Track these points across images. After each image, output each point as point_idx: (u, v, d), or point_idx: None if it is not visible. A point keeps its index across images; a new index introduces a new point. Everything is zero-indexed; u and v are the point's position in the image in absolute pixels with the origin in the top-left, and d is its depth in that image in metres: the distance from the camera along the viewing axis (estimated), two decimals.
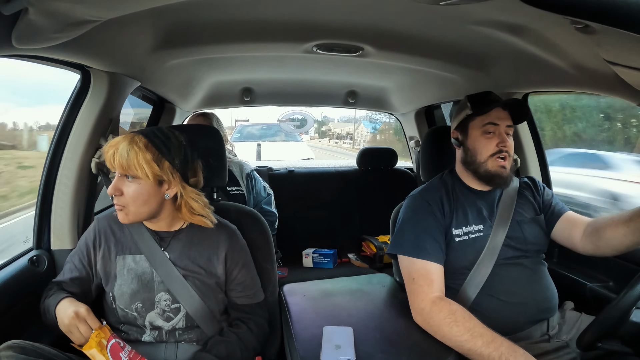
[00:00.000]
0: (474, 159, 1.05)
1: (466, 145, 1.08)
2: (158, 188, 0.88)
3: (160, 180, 0.88)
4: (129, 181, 0.86)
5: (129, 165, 0.84)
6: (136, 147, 0.85)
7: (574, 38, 0.77)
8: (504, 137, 1.04)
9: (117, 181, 0.87)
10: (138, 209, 0.87)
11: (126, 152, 0.84)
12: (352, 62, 1.37)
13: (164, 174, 0.87)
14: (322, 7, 0.94)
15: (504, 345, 0.80)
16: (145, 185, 0.86)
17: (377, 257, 1.97)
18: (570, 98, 4.47)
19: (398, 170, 2.40)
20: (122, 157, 0.84)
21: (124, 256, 0.94)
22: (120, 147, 0.85)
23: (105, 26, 0.74)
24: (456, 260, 1.01)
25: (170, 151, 0.88)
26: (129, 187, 0.86)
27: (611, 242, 0.96)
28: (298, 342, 0.88)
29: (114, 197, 0.87)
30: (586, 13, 0.48)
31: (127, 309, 0.90)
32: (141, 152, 0.85)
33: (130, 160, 0.84)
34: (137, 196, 0.86)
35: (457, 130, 1.11)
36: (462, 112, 1.10)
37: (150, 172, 0.85)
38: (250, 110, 6.86)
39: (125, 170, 0.85)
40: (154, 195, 0.88)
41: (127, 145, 0.85)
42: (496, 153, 1.03)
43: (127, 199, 0.86)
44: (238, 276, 0.97)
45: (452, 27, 0.99)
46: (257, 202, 1.85)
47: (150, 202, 0.88)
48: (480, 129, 1.05)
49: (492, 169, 1.03)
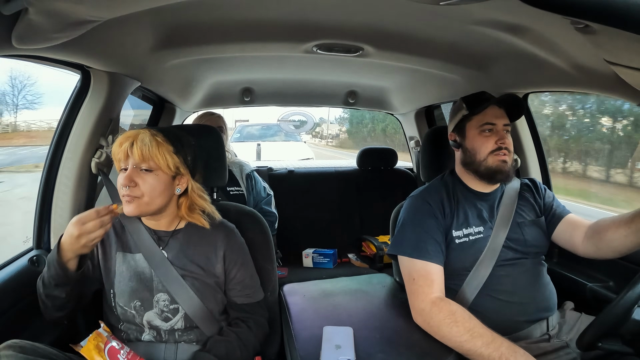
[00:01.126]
0: (473, 158, 1.05)
1: (464, 146, 1.07)
2: (171, 182, 0.91)
3: (175, 174, 0.90)
4: (145, 173, 0.87)
5: (151, 155, 0.86)
6: (157, 139, 0.88)
7: (574, 38, 0.77)
8: (502, 134, 1.04)
9: (132, 172, 0.86)
10: (153, 200, 0.88)
11: (148, 141, 0.86)
12: (352, 62, 1.37)
13: (181, 167, 0.91)
14: (322, 7, 0.94)
15: (504, 346, 0.80)
16: (162, 177, 0.88)
17: (377, 257, 1.97)
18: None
19: (398, 170, 2.40)
20: (145, 146, 0.86)
21: (123, 253, 0.94)
22: (140, 137, 0.87)
23: (105, 26, 0.74)
24: (456, 262, 1.01)
25: (183, 147, 0.92)
26: (145, 179, 0.87)
27: (612, 244, 0.96)
28: (298, 342, 0.88)
29: (127, 189, 0.86)
30: (586, 13, 0.48)
31: (126, 307, 0.90)
32: (163, 143, 0.88)
33: (153, 151, 0.86)
34: (153, 187, 0.87)
35: (454, 133, 1.11)
36: (458, 114, 1.10)
37: (172, 163, 0.88)
38: (250, 110, 6.86)
39: (144, 161, 0.86)
40: (167, 188, 0.90)
41: (149, 136, 0.87)
42: (495, 150, 1.03)
43: (142, 190, 0.87)
44: (237, 275, 0.97)
45: (452, 27, 0.99)
46: (257, 202, 1.85)
47: (164, 194, 0.90)
48: (478, 129, 1.05)
49: (493, 165, 1.02)
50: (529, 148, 1.48)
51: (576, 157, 3.49)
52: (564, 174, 3.45)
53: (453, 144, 1.12)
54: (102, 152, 1.13)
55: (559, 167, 3.45)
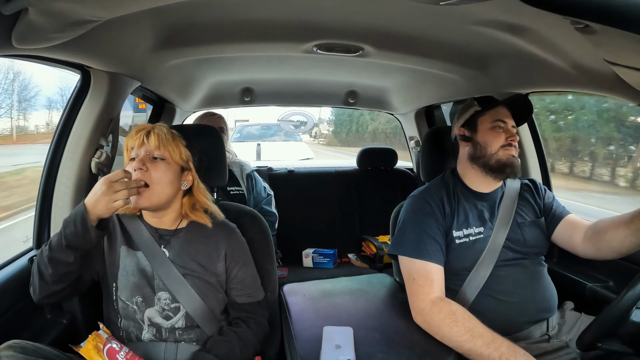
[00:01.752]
0: (484, 152, 1.06)
1: (475, 140, 1.08)
2: (179, 175, 0.94)
3: (184, 168, 0.95)
4: (157, 162, 0.90)
5: (165, 144, 0.91)
6: (173, 132, 0.95)
7: (574, 38, 0.77)
8: (512, 131, 1.07)
9: (144, 157, 0.90)
10: (163, 189, 0.90)
11: (165, 132, 0.92)
12: (352, 62, 1.37)
13: (190, 161, 0.96)
14: (322, 7, 0.94)
15: (504, 346, 0.80)
16: (173, 167, 0.92)
17: (377, 257, 1.97)
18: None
19: (398, 171, 2.40)
20: (162, 134, 0.91)
21: (127, 247, 0.94)
22: (157, 128, 0.92)
23: (105, 26, 0.74)
24: (456, 262, 1.01)
25: (191, 145, 0.98)
26: (157, 167, 0.90)
27: (612, 244, 0.96)
28: (298, 342, 0.88)
29: (138, 172, 0.87)
30: (586, 13, 0.47)
31: (127, 301, 0.90)
32: (177, 137, 0.95)
33: (169, 140, 0.92)
34: (164, 175, 0.90)
35: (464, 127, 1.12)
36: (469, 110, 1.12)
37: (185, 154, 0.94)
38: (250, 110, 6.86)
39: (159, 150, 0.91)
40: (176, 180, 0.93)
41: (165, 128, 0.94)
42: (505, 145, 1.05)
43: (152, 177, 0.89)
44: (238, 274, 0.97)
45: (452, 27, 0.99)
46: (257, 202, 1.85)
47: (172, 185, 0.92)
48: (490, 124, 1.07)
49: (504, 158, 1.04)
50: (529, 148, 1.48)
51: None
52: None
53: (462, 138, 1.12)
54: (102, 152, 1.13)
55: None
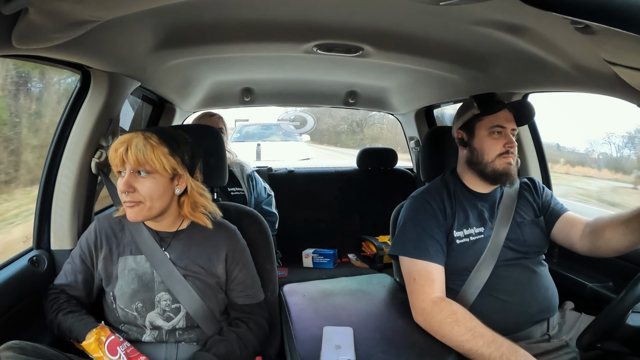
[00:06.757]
0: (480, 159, 1.05)
1: (472, 145, 1.07)
2: (170, 183, 0.90)
3: (173, 175, 0.89)
4: (142, 177, 0.87)
5: (146, 159, 0.85)
6: (152, 142, 0.86)
7: (574, 38, 0.77)
8: (510, 138, 1.04)
9: (130, 178, 0.86)
10: (154, 204, 0.88)
11: (142, 146, 0.85)
12: (352, 62, 1.37)
13: (178, 167, 0.89)
14: (322, 7, 0.94)
15: (505, 346, 0.80)
16: (160, 180, 0.88)
17: (377, 257, 1.97)
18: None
19: (398, 171, 2.40)
20: (139, 151, 0.84)
21: (125, 257, 0.94)
22: (134, 142, 0.85)
23: (105, 26, 0.74)
24: (457, 262, 1.01)
25: (180, 147, 0.91)
26: (143, 183, 0.86)
27: (610, 242, 0.96)
28: (298, 342, 0.88)
29: (126, 194, 0.86)
30: (586, 13, 0.47)
31: (127, 309, 0.90)
32: (157, 146, 0.86)
33: (148, 155, 0.85)
34: (153, 191, 0.87)
35: (461, 130, 1.10)
36: (467, 112, 1.08)
37: (168, 165, 0.87)
38: (250, 110, 6.87)
39: (140, 165, 0.85)
40: (167, 190, 0.89)
41: (143, 140, 0.86)
42: (503, 153, 1.03)
43: (142, 195, 0.86)
44: (238, 276, 0.97)
45: (452, 27, 0.99)
46: (257, 202, 1.85)
47: (164, 197, 0.89)
48: (488, 130, 1.04)
49: (500, 168, 1.03)
50: (529, 148, 1.48)
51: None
52: None
53: (459, 142, 1.11)
54: (102, 152, 1.13)
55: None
